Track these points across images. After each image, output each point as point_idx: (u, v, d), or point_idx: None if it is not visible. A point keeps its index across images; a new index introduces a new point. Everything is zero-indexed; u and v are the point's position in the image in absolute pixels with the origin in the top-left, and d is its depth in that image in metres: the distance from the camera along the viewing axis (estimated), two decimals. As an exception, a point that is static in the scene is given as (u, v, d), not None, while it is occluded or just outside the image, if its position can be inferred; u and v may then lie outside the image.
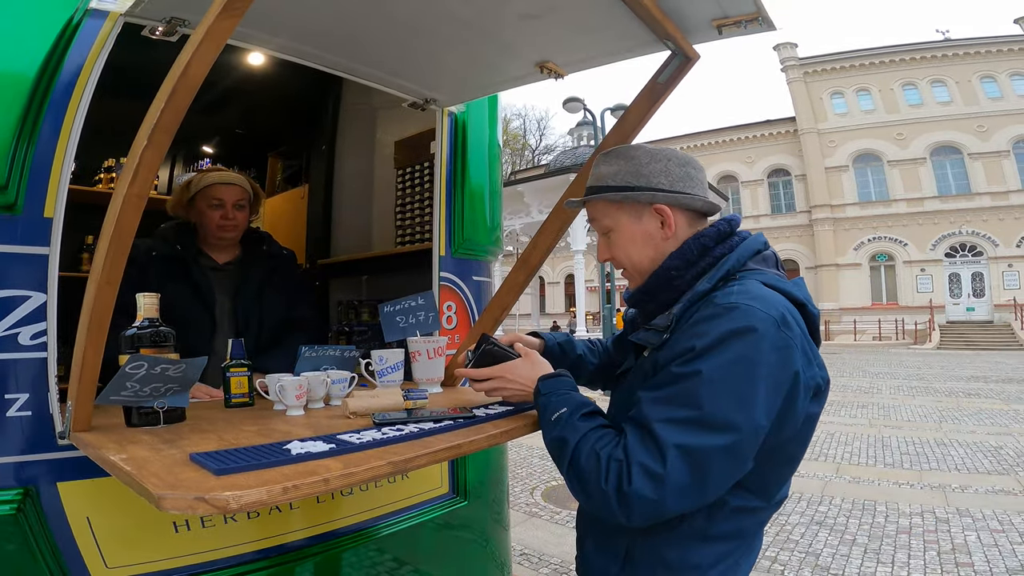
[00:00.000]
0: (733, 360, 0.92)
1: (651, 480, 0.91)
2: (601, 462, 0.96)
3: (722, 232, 1.11)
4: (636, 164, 1.13)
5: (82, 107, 1.35)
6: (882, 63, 27.00)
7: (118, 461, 0.94)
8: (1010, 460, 5.78)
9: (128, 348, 1.23)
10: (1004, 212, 24.35)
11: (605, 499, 0.95)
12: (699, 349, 0.94)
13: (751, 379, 0.91)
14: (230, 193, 2.07)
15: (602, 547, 1.13)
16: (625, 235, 1.15)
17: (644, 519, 0.94)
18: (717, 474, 0.93)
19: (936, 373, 13.93)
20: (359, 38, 1.70)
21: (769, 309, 0.95)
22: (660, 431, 0.92)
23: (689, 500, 0.93)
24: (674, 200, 1.11)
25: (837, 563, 3.55)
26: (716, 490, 0.95)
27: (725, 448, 0.91)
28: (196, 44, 0.93)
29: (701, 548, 1.03)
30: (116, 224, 0.98)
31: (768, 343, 0.92)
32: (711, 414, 0.90)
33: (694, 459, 0.91)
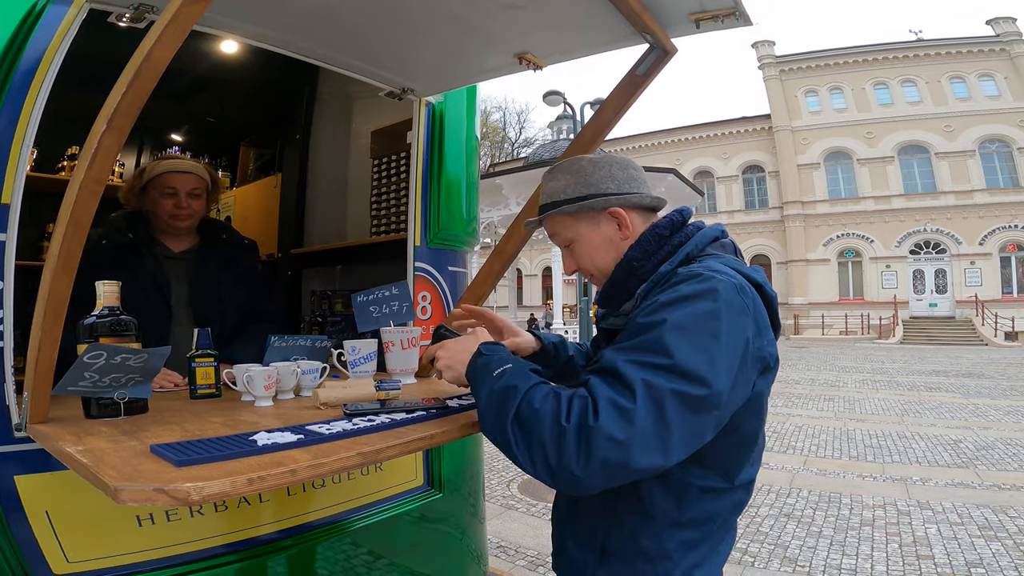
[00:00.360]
0: (697, 313, 0.92)
1: (620, 416, 0.86)
2: (562, 401, 0.91)
3: (675, 222, 1.16)
4: (583, 175, 1.18)
5: (42, 94, 1.31)
6: (855, 62, 27.54)
7: (74, 453, 0.91)
8: (969, 453, 5.98)
9: (86, 337, 1.19)
10: (968, 211, 25.10)
11: (560, 441, 0.87)
12: (663, 301, 0.95)
13: (715, 334, 0.91)
14: (184, 181, 2.01)
15: (579, 541, 1.12)
16: (587, 243, 1.19)
17: (602, 467, 0.85)
18: (678, 425, 0.87)
19: (899, 367, 14.34)
20: (335, 25, 1.66)
21: (730, 277, 0.98)
22: (626, 369, 0.89)
23: (652, 452, 0.86)
24: (626, 201, 1.16)
25: (804, 555, 3.63)
26: (676, 447, 0.88)
27: (692, 398, 0.87)
28: (160, 29, 0.90)
29: (675, 535, 1.03)
30: (72, 211, 0.95)
31: (727, 304, 0.93)
32: (681, 362, 0.88)
33: (660, 402, 0.86)
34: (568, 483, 0.89)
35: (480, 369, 1.07)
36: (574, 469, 0.86)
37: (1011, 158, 24.86)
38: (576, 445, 0.86)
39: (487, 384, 1.02)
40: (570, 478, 0.87)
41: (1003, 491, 4.76)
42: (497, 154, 37.64)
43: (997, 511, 4.28)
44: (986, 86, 25.46)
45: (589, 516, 1.10)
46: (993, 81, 25.32)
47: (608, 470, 0.86)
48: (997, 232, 24.70)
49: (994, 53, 25.20)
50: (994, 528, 3.97)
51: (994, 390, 10.36)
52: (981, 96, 25.42)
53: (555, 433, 0.88)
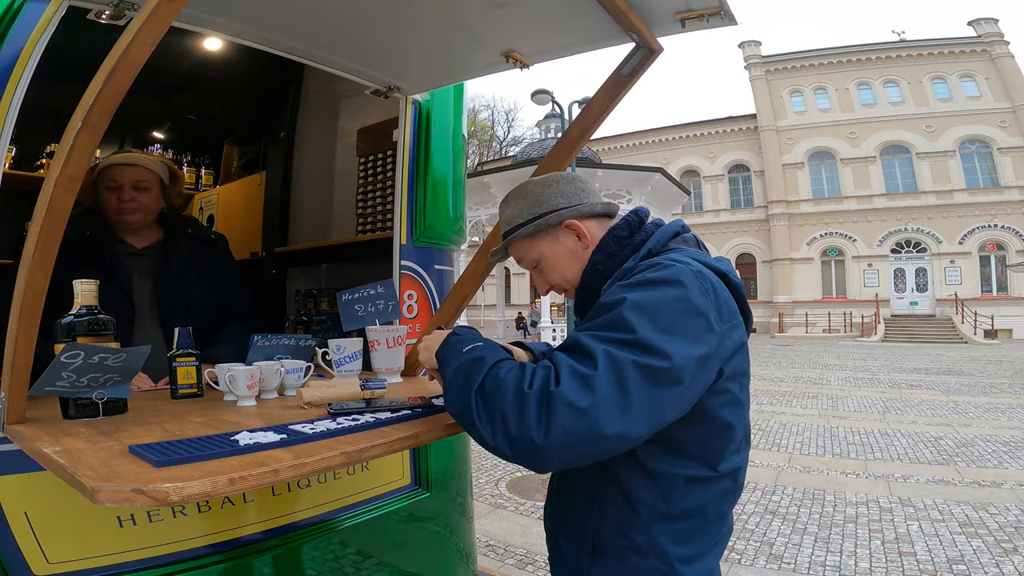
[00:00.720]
0: (659, 294, 0.94)
1: (581, 382, 0.86)
2: (525, 371, 0.92)
3: (632, 223, 1.19)
4: (533, 196, 1.23)
5: (19, 91, 1.30)
6: (839, 63, 27.85)
7: (51, 453, 0.89)
8: (950, 451, 6.07)
9: (64, 337, 1.17)
10: (948, 210, 25.48)
11: (522, 408, 0.86)
12: (626, 284, 0.99)
13: (676, 314, 0.93)
14: (127, 174, 1.95)
15: (571, 539, 1.12)
16: (552, 260, 1.23)
17: (563, 436, 0.85)
18: (639, 396, 0.86)
19: (881, 365, 14.53)
20: (320, 22, 1.65)
21: (689, 265, 1.00)
22: (588, 342, 0.91)
23: (613, 422, 0.85)
24: (578, 212, 1.20)
25: (790, 552, 3.67)
26: (638, 419, 0.87)
27: (653, 370, 0.87)
28: (138, 26, 0.89)
29: (665, 528, 1.03)
30: (48, 208, 0.93)
31: (688, 288, 0.95)
32: (643, 337, 0.89)
33: (621, 372, 0.86)
34: (527, 453, 0.87)
35: (451, 346, 1.07)
36: (534, 437, 0.85)
37: (991, 158, 25.28)
38: (537, 412, 0.86)
39: (455, 358, 1.02)
40: (529, 446, 0.86)
41: (983, 488, 4.84)
42: (485, 153, 37.61)
43: (977, 508, 4.35)
44: (967, 87, 25.86)
45: (577, 513, 1.10)
46: (974, 82, 25.72)
47: (569, 439, 0.85)
48: (977, 231, 25.11)
49: (975, 54, 25.61)
50: (975, 525, 4.03)
51: (974, 388, 10.53)
52: (962, 97, 25.82)
53: (517, 400, 0.88)
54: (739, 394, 1.07)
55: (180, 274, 2.02)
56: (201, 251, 2.12)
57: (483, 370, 0.95)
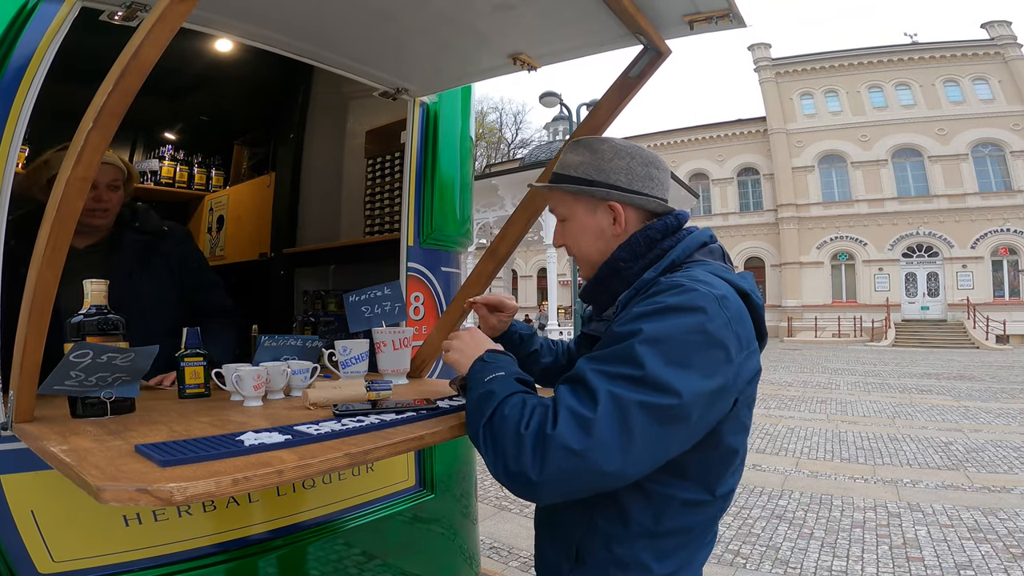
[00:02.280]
0: (676, 326, 0.90)
1: (578, 426, 0.85)
2: (526, 408, 0.92)
3: (669, 226, 1.13)
4: (599, 158, 1.15)
5: (32, 92, 1.31)
6: (851, 65, 27.66)
7: (58, 452, 0.90)
8: (959, 456, 6.00)
9: (73, 336, 1.18)
10: (960, 214, 25.25)
11: (519, 447, 0.87)
12: (641, 312, 0.94)
13: (692, 348, 0.90)
14: (104, 173, 1.82)
15: (556, 545, 1.11)
16: (578, 226, 1.18)
17: (558, 475, 0.86)
18: (642, 437, 0.86)
19: (891, 370, 14.41)
20: (329, 25, 1.66)
21: (712, 288, 0.96)
22: (593, 379, 0.89)
23: (611, 460, 0.85)
24: (628, 200, 1.13)
25: (796, 557, 3.64)
26: (639, 458, 0.87)
27: (659, 409, 0.86)
28: (149, 27, 0.89)
29: (650, 545, 1.02)
30: (59, 208, 0.94)
31: (708, 318, 0.92)
32: (652, 373, 0.86)
33: (624, 412, 0.85)
34: (524, 488, 0.89)
35: (477, 373, 1.08)
36: (530, 474, 0.87)
37: (1004, 162, 25.03)
38: (532, 452, 0.87)
39: (475, 387, 1.04)
40: (526, 483, 0.88)
41: (993, 493, 4.79)
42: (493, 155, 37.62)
43: (987, 513, 4.31)
44: (980, 89, 25.62)
45: (566, 522, 1.09)
46: (987, 84, 25.48)
47: (564, 479, 0.86)
48: (989, 236, 24.86)
49: (988, 56, 25.37)
50: (984, 530, 3.99)
51: (985, 393, 10.42)
52: (975, 99, 25.58)
53: (515, 440, 0.89)
54: (746, 419, 1.05)
55: (128, 272, 1.87)
56: (151, 245, 1.98)
57: (492, 405, 0.96)
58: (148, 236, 1.99)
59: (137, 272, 1.90)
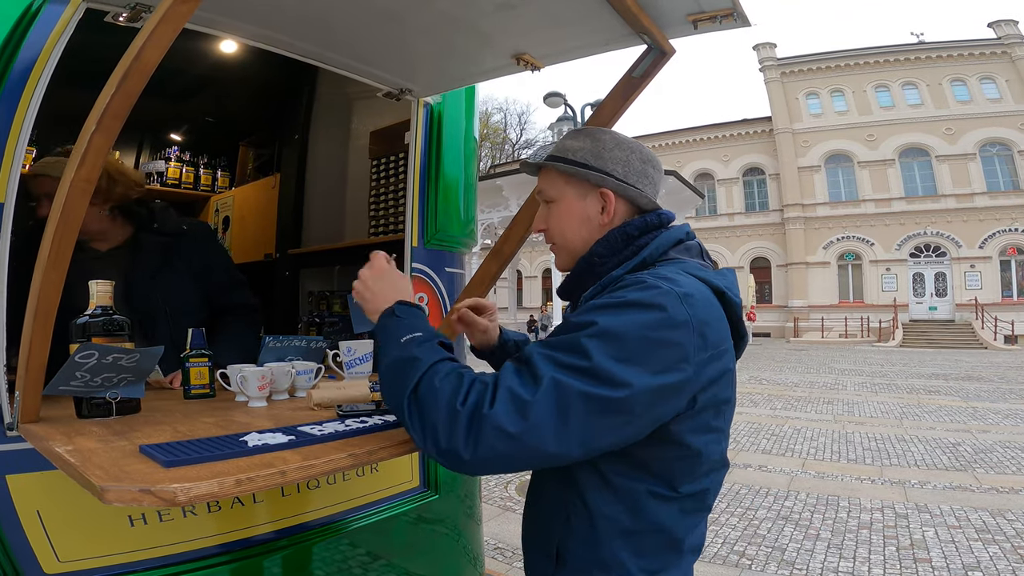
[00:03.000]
0: (632, 321, 0.89)
1: (515, 409, 0.85)
2: (464, 382, 0.89)
3: (649, 223, 1.11)
4: (599, 146, 1.14)
5: (38, 93, 1.31)
6: (857, 65, 27.52)
7: (63, 453, 0.90)
8: (967, 457, 5.96)
9: (79, 337, 1.18)
10: (968, 214, 25.08)
11: (452, 421, 0.86)
12: (600, 304, 0.93)
13: (645, 343, 0.88)
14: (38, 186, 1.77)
15: (538, 548, 1.10)
16: (565, 209, 1.15)
17: (490, 455, 0.85)
18: (580, 425, 0.86)
19: (898, 370, 14.32)
20: (333, 25, 1.66)
21: (676, 286, 0.94)
22: (539, 363, 0.88)
23: (545, 444, 0.85)
24: (622, 190, 1.11)
25: (802, 558, 3.62)
26: (573, 444, 0.87)
27: (600, 400, 0.85)
28: (151, 28, 0.90)
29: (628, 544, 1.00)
30: (63, 209, 0.95)
31: (668, 316, 0.90)
32: (599, 366, 0.86)
33: (564, 399, 0.85)
34: (455, 464, 0.88)
35: (390, 330, 1.03)
36: (461, 452, 0.86)
37: (1011, 161, 24.84)
38: (467, 430, 0.85)
39: (392, 349, 1.00)
40: (457, 460, 0.87)
41: (1001, 494, 4.75)
42: (498, 155, 37.67)
43: (995, 514, 4.28)
44: (987, 89, 25.44)
45: (545, 523, 1.08)
46: (994, 84, 25.31)
47: (495, 459, 0.86)
48: (997, 235, 24.68)
49: (995, 56, 25.20)
50: (992, 531, 3.96)
51: (993, 393, 10.35)
52: (982, 99, 25.40)
53: (448, 415, 0.87)
54: (713, 421, 1.01)
55: (151, 273, 1.90)
56: (172, 245, 1.99)
57: (417, 373, 0.93)
58: (167, 237, 1.99)
59: (160, 273, 1.91)
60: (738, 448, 6.45)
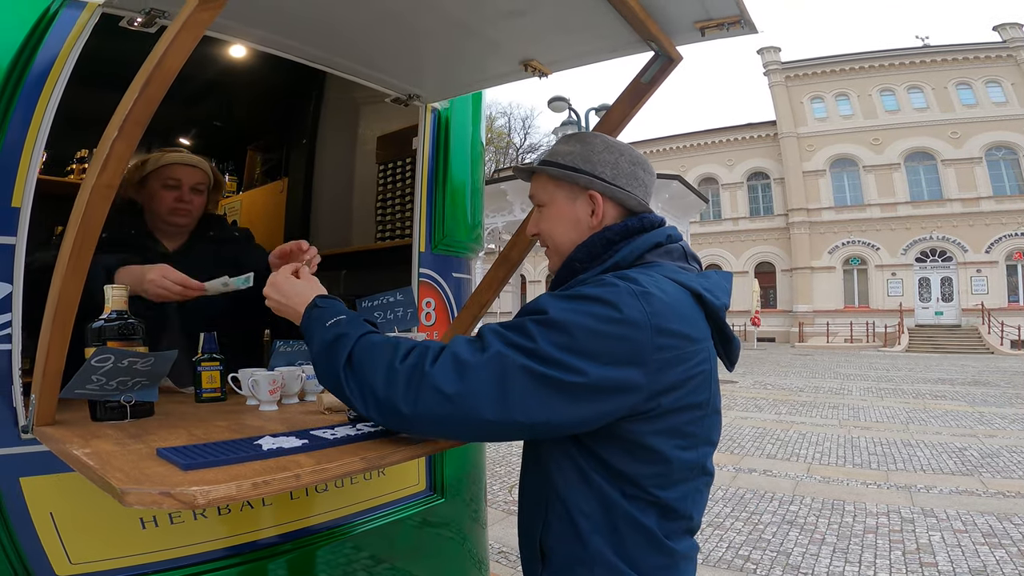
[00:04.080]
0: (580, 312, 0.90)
1: (456, 369, 0.87)
2: (400, 346, 0.92)
3: (630, 229, 1.10)
4: (589, 149, 1.15)
5: (54, 97, 1.32)
6: (862, 68, 27.46)
7: (81, 456, 0.92)
8: (974, 461, 5.93)
9: (94, 341, 1.19)
10: (974, 218, 24.96)
11: (391, 378, 0.88)
12: (553, 294, 0.96)
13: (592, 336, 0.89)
14: (188, 175, 1.90)
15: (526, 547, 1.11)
16: (556, 212, 1.17)
17: (429, 415, 0.87)
18: (519, 394, 0.87)
19: (904, 375, 14.25)
20: (342, 31, 1.68)
21: (634, 284, 0.94)
22: (488, 336, 0.91)
23: (483, 409, 0.87)
24: (610, 192, 1.12)
25: (807, 562, 3.61)
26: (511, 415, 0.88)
27: (543, 377, 0.87)
28: (172, 35, 0.91)
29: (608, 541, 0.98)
30: (84, 214, 0.96)
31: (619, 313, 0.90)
32: (543, 348, 0.88)
33: (503, 368, 0.87)
34: (395, 420, 0.90)
35: (314, 321, 1.05)
36: (400, 406, 0.88)
37: (1018, 165, 24.73)
38: (406, 386, 0.88)
39: (318, 334, 1.02)
40: (395, 415, 0.89)
41: (1008, 499, 4.73)
42: (502, 160, 37.69)
43: (1001, 518, 4.26)
44: (993, 92, 25.34)
45: (527, 522, 1.09)
46: (1000, 87, 25.21)
47: (435, 420, 0.89)
48: (1004, 240, 24.55)
49: (1001, 59, 25.11)
50: (998, 535, 3.94)
51: (1000, 398, 10.28)
52: (988, 102, 25.30)
53: (386, 372, 0.90)
54: (686, 427, 0.99)
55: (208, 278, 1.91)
56: (225, 252, 2.04)
57: (348, 345, 0.95)
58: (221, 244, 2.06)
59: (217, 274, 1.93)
60: (743, 453, 6.43)
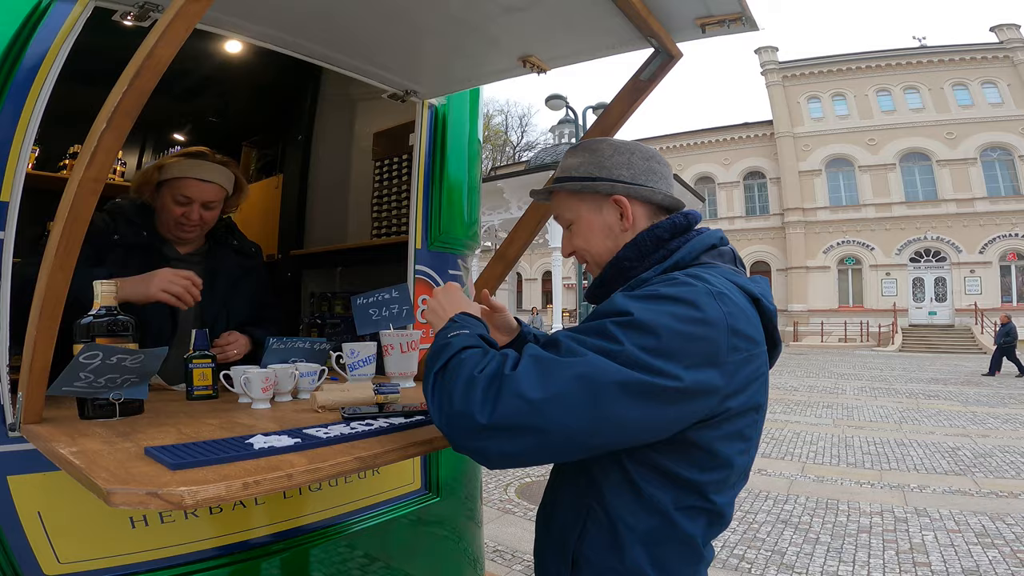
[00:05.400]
0: (664, 313, 0.87)
1: (541, 373, 0.81)
2: (486, 355, 0.89)
3: (678, 225, 1.09)
4: (599, 156, 1.13)
5: (44, 92, 1.30)
6: (859, 68, 27.56)
7: (68, 454, 0.90)
8: (967, 461, 5.97)
9: (83, 337, 1.17)
10: (968, 219, 25.09)
11: (469, 386, 0.83)
12: (628, 295, 0.92)
13: (679, 338, 0.85)
14: (200, 192, 1.83)
15: (554, 552, 1.08)
16: (585, 226, 1.15)
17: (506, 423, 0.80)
18: (609, 402, 0.81)
19: (898, 375, 14.32)
20: (339, 27, 1.66)
21: (709, 284, 0.92)
22: (566, 341, 0.86)
23: (567, 417, 0.81)
24: (634, 192, 1.10)
25: (801, 561, 3.62)
26: (597, 423, 0.82)
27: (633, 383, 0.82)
28: (164, 26, 0.89)
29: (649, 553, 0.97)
30: (71, 208, 0.94)
31: (701, 312, 0.88)
32: (630, 352, 0.83)
33: (592, 375, 0.81)
34: (466, 429, 0.84)
35: (441, 332, 1.04)
36: (476, 415, 0.82)
37: (1012, 166, 24.89)
38: (484, 392, 0.82)
39: (435, 342, 1.01)
40: (470, 423, 0.82)
41: (1000, 498, 4.76)
42: (499, 157, 37.65)
43: (994, 518, 4.28)
44: (989, 93, 25.47)
45: (562, 527, 1.06)
46: (996, 88, 25.34)
47: (514, 430, 0.81)
48: (997, 240, 24.70)
49: (997, 60, 25.24)
50: (991, 535, 3.96)
51: (992, 398, 10.35)
52: (984, 103, 25.43)
53: (465, 381, 0.85)
54: (746, 430, 0.98)
55: (225, 287, 1.95)
56: (243, 265, 2.06)
57: (448, 354, 0.93)
58: (241, 256, 2.08)
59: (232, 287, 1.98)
60: (738, 452, 6.44)
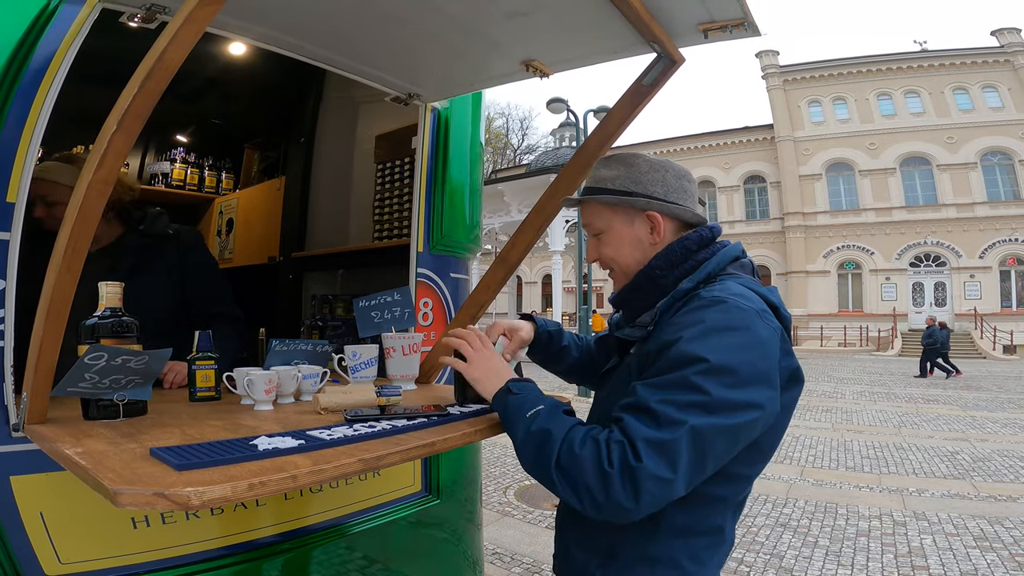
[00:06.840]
0: (730, 346, 0.95)
1: (662, 455, 0.89)
2: (600, 445, 0.93)
3: (704, 238, 1.17)
4: (636, 171, 1.19)
5: (52, 93, 1.31)
6: (859, 73, 27.55)
7: (73, 455, 0.90)
8: (966, 465, 5.96)
9: (88, 338, 1.18)
10: (968, 224, 25.08)
11: (607, 484, 0.90)
12: (692, 336, 0.97)
13: (748, 364, 0.94)
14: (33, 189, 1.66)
15: (583, 544, 1.13)
16: (615, 237, 1.20)
17: (652, 501, 0.91)
18: (716, 454, 0.93)
19: (897, 379, 14.32)
20: (343, 30, 1.67)
21: (751, 303, 1.01)
22: (660, 408, 0.92)
23: (696, 477, 0.93)
24: (667, 209, 1.17)
25: (800, 565, 3.62)
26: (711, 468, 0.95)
27: (730, 428, 0.92)
28: (175, 29, 0.90)
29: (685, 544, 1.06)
30: (80, 210, 0.94)
31: (755, 334, 0.97)
32: (718, 396, 0.91)
33: (701, 436, 0.90)
34: (620, 515, 0.93)
35: (513, 408, 1.09)
36: (624, 503, 0.90)
37: (1013, 171, 24.86)
38: (623, 486, 0.90)
39: (522, 424, 1.05)
40: (621, 511, 0.92)
41: (999, 502, 4.76)
42: (499, 160, 37.68)
43: (993, 522, 4.28)
44: (989, 97, 25.46)
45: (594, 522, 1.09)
46: (996, 92, 25.33)
47: (656, 501, 0.92)
48: (997, 245, 24.69)
49: (998, 64, 25.24)
50: (990, 539, 3.97)
51: (992, 403, 10.34)
52: (984, 107, 25.41)
53: (599, 477, 0.91)
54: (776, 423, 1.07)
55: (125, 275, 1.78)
56: (152, 248, 1.98)
57: (556, 445, 0.98)
58: (150, 239, 1.99)
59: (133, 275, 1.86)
60: (737, 455, 6.44)
